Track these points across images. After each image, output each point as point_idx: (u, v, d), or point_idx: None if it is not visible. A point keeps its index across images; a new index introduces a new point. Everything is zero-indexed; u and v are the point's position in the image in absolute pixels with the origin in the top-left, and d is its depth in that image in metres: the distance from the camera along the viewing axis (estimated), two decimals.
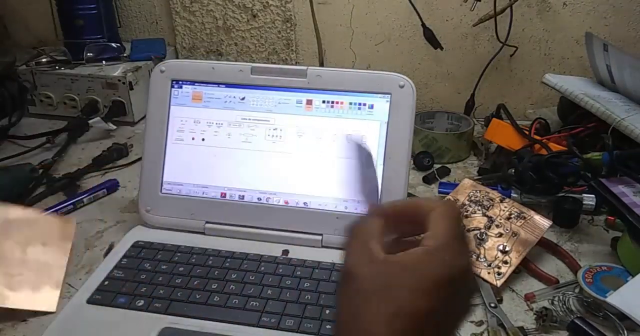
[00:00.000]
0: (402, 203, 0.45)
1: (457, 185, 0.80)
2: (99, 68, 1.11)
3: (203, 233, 0.74)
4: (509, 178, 0.83)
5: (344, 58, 1.17)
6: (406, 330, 0.36)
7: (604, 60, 0.95)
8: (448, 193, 0.79)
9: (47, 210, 0.82)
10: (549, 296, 0.66)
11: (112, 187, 0.90)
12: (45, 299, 0.64)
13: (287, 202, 0.73)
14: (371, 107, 0.71)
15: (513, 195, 0.82)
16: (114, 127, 1.08)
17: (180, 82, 0.75)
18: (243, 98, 0.74)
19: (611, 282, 0.65)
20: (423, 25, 1.06)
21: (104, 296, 0.63)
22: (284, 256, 0.70)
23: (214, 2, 1.17)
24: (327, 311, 0.61)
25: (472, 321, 0.63)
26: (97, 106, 1.11)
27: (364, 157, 0.48)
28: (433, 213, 0.41)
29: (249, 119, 0.74)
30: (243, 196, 0.74)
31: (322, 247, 0.72)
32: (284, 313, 0.61)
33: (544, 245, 0.75)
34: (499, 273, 0.68)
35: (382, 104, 0.71)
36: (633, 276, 0.66)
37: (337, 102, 0.72)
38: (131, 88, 1.09)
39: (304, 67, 0.73)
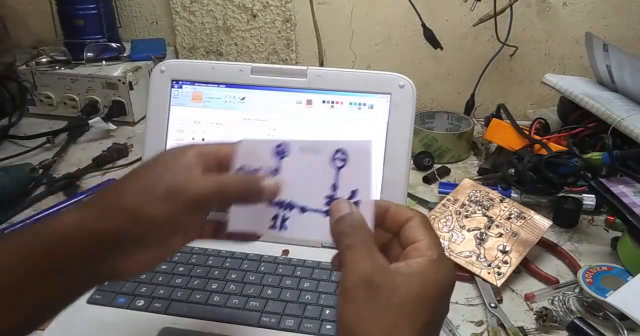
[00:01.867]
0: (379, 208, 0.44)
1: (457, 185, 0.81)
2: (99, 68, 1.11)
3: None
4: (509, 178, 0.83)
5: (344, 58, 1.17)
6: None
7: (604, 60, 0.95)
8: (448, 193, 0.79)
9: (47, 210, 0.82)
10: (549, 296, 0.66)
11: None
12: None
13: None
14: (371, 107, 0.71)
15: (513, 195, 0.82)
16: (114, 127, 1.08)
17: (180, 82, 0.75)
18: (243, 99, 0.74)
19: (611, 282, 0.65)
20: (423, 25, 1.06)
21: (104, 296, 0.63)
22: (284, 256, 0.70)
23: (214, 2, 1.17)
24: (327, 311, 0.61)
25: (472, 321, 0.63)
26: (97, 106, 1.11)
27: None
28: (416, 223, 0.42)
29: (249, 119, 0.74)
30: None
31: (322, 247, 0.71)
32: (284, 313, 0.61)
33: (544, 245, 0.75)
34: (499, 273, 0.68)
35: (382, 104, 0.71)
36: (633, 276, 0.66)
37: (337, 102, 0.72)
38: (131, 88, 1.09)
39: (304, 67, 0.73)
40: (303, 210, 0.47)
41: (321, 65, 1.15)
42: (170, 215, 0.42)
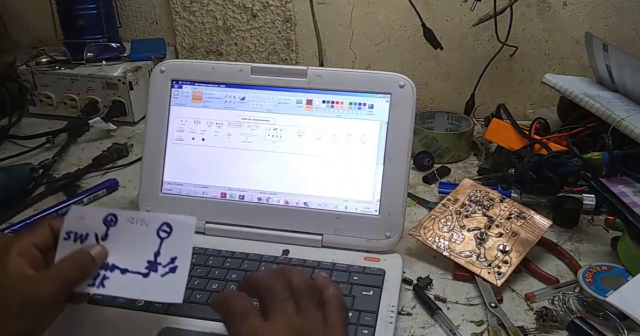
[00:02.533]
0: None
1: (457, 185, 0.81)
2: (99, 68, 1.11)
3: (203, 233, 0.74)
4: (509, 178, 0.83)
5: (344, 58, 1.17)
6: None
7: (604, 60, 0.95)
8: (448, 193, 0.79)
9: (47, 210, 0.82)
10: (549, 296, 0.66)
11: (112, 186, 0.90)
12: None
13: (287, 202, 0.73)
14: (371, 107, 0.71)
15: (513, 195, 0.82)
16: (114, 127, 1.08)
17: (180, 82, 0.75)
18: (243, 99, 0.74)
19: (611, 282, 0.65)
20: (423, 25, 1.06)
21: (104, 296, 0.63)
22: (284, 256, 0.70)
23: (214, 2, 1.17)
24: None
25: (472, 321, 0.63)
26: (97, 106, 1.11)
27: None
28: (266, 302, 0.46)
29: (249, 119, 0.74)
30: (243, 196, 0.74)
31: (322, 246, 0.72)
32: None
33: (544, 245, 0.75)
34: (499, 273, 0.68)
35: (382, 104, 0.71)
36: (633, 276, 0.66)
37: (337, 102, 0.72)
38: (131, 89, 1.09)
39: (304, 67, 0.73)
40: (124, 271, 0.53)
41: (321, 65, 1.15)
42: (34, 326, 0.46)
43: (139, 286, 0.52)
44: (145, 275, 0.52)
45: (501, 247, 0.70)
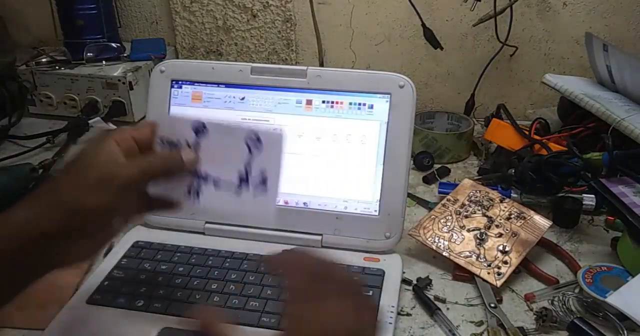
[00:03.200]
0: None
1: (457, 185, 0.81)
2: (99, 68, 1.11)
3: (203, 233, 0.74)
4: (509, 178, 0.83)
5: (344, 58, 1.17)
6: None
7: (604, 60, 0.95)
8: (448, 193, 0.79)
9: None
10: (549, 297, 0.66)
11: None
12: (43, 317, 0.62)
13: (287, 202, 0.73)
14: (371, 107, 0.71)
15: (513, 195, 0.82)
16: (114, 127, 1.08)
17: (180, 82, 0.75)
18: (243, 99, 0.74)
19: (611, 282, 0.65)
20: (423, 25, 1.06)
21: (103, 296, 0.63)
22: None
23: (214, 2, 1.17)
24: None
25: (472, 321, 0.63)
26: (97, 106, 1.11)
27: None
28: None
29: (249, 119, 0.74)
30: None
31: (322, 247, 0.72)
32: None
33: (544, 245, 0.75)
34: (499, 273, 0.68)
35: (382, 104, 0.71)
36: (633, 276, 0.66)
37: (336, 102, 0.72)
38: (131, 88, 1.09)
39: (304, 67, 0.73)
40: (216, 183, 0.53)
41: (321, 65, 1.15)
42: (105, 203, 0.47)
43: (232, 202, 0.53)
44: (237, 189, 0.53)
45: (501, 247, 0.70)
